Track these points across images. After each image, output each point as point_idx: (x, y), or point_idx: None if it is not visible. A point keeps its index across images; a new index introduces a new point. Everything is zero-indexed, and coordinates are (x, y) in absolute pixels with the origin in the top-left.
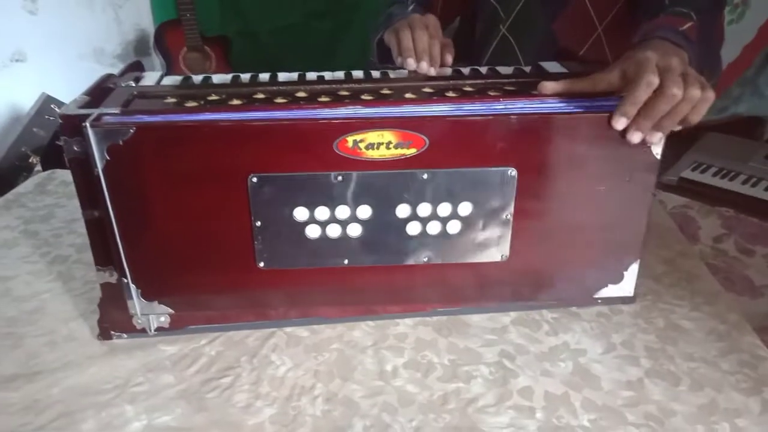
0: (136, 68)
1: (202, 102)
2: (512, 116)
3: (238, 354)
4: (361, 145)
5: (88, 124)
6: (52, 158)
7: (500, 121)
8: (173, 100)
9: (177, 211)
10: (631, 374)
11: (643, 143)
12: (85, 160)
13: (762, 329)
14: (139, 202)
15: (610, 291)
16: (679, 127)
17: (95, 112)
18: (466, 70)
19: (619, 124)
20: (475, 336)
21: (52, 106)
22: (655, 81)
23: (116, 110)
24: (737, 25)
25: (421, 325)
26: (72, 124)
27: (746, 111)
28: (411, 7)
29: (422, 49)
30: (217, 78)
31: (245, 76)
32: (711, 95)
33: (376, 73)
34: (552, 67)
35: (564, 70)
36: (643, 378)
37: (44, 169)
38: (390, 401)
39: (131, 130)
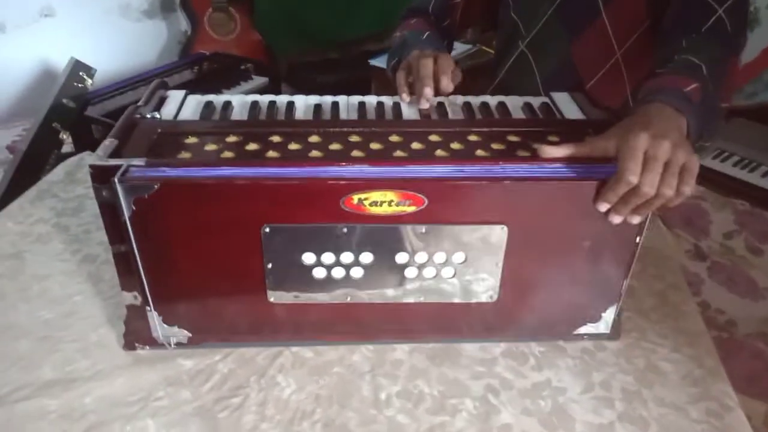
0: (160, 87)
1: (221, 146)
2: (506, 180)
3: (248, 373)
4: (366, 203)
5: (116, 180)
6: (81, 132)
7: (494, 185)
8: (194, 140)
9: (196, 253)
10: (604, 417)
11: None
12: (114, 205)
13: (759, 334)
14: (162, 245)
15: (588, 329)
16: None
17: (123, 164)
18: (476, 102)
19: (602, 207)
20: (465, 367)
21: (80, 73)
22: (634, 181)
23: (142, 162)
24: None
25: (417, 351)
26: (102, 174)
27: None
28: (426, 35)
29: (425, 75)
30: (237, 104)
31: (264, 101)
32: (687, 190)
33: (389, 103)
34: (562, 99)
35: (574, 105)
36: (615, 422)
37: (74, 142)
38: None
39: (155, 186)
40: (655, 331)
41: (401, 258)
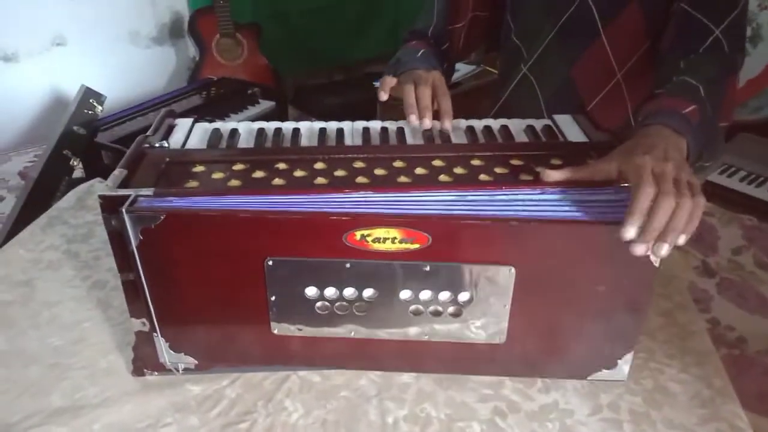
0: (168, 116)
1: (228, 174)
2: (512, 221)
3: (256, 398)
4: (368, 239)
5: (124, 210)
6: (91, 158)
7: (500, 225)
8: (201, 168)
9: (201, 283)
10: None
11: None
12: (122, 234)
13: None
14: (168, 273)
15: (603, 375)
16: (682, 242)
17: (131, 194)
18: (479, 125)
19: (628, 233)
20: (473, 390)
21: (90, 100)
22: (652, 191)
23: (149, 192)
24: None
25: (424, 375)
26: (111, 204)
27: None
28: (421, 52)
29: (424, 106)
30: (243, 131)
31: (270, 128)
32: (701, 201)
33: (392, 128)
34: (565, 122)
35: (576, 127)
36: None
37: (85, 168)
38: None
39: (162, 216)
40: (663, 351)
41: (405, 295)
